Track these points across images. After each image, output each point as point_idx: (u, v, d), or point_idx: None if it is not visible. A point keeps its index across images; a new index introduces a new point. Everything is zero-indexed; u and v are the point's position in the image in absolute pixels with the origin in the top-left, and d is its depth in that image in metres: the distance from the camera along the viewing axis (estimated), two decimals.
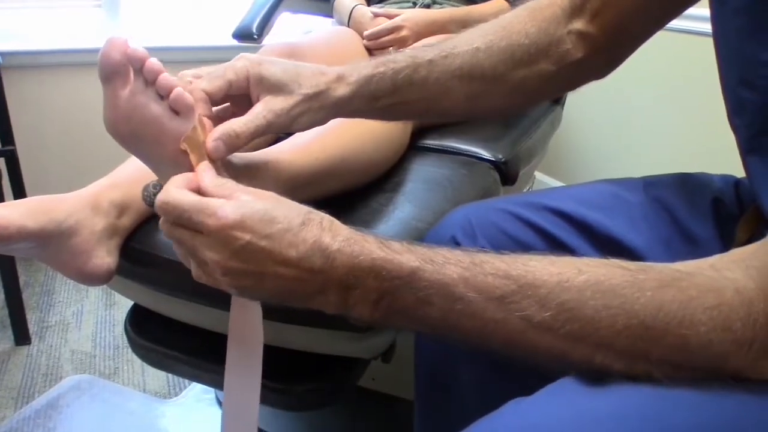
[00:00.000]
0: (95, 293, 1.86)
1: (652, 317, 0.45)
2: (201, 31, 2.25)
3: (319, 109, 0.66)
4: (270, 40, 1.52)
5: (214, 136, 0.62)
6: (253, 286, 0.53)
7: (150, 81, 0.61)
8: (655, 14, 0.71)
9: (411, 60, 0.70)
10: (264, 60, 0.66)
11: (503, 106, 0.78)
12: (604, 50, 0.73)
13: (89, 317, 1.76)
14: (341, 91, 0.67)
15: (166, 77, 0.61)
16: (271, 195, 0.54)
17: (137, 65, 0.60)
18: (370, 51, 1.40)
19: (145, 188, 0.89)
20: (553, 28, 0.73)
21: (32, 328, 1.69)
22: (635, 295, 0.46)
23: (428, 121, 0.95)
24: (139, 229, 0.89)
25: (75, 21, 2.17)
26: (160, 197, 0.55)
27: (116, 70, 0.59)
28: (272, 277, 0.52)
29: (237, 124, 0.62)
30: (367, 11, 1.43)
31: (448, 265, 0.50)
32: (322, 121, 0.68)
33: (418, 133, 1.17)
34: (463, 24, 1.38)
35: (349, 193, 0.93)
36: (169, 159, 0.63)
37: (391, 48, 1.36)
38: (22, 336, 1.64)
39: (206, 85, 0.63)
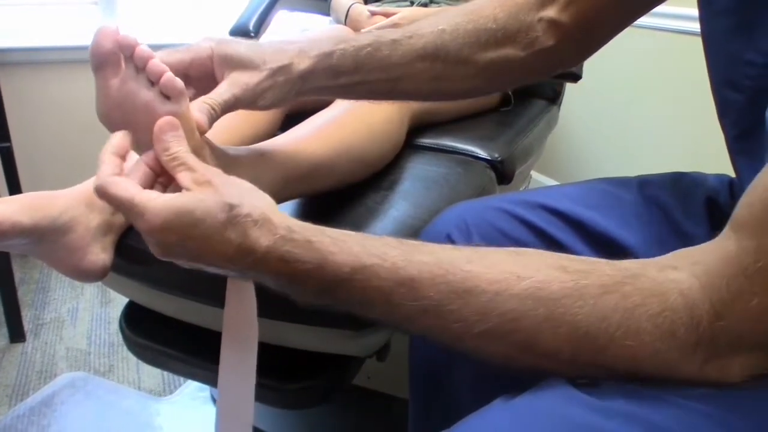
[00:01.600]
0: (90, 291, 1.86)
1: (596, 328, 0.45)
2: (198, 29, 2.25)
3: (284, 83, 0.67)
4: (267, 38, 1.52)
5: (196, 108, 0.62)
6: (194, 267, 0.54)
7: (140, 67, 0.60)
8: (628, 7, 0.70)
9: (374, 39, 0.70)
10: (227, 39, 0.67)
11: (468, 88, 0.77)
12: (576, 40, 0.73)
13: (84, 315, 1.76)
14: (303, 64, 0.67)
15: (155, 63, 0.60)
16: (206, 180, 0.53)
17: (128, 52, 0.60)
18: None
19: None
20: (524, 14, 0.72)
21: (27, 325, 1.68)
22: (577, 303, 0.45)
23: (394, 100, 0.94)
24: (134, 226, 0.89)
25: (71, 18, 2.16)
26: (96, 182, 0.54)
27: (107, 58, 0.59)
28: (210, 267, 0.53)
29: (208, 98, 0.63)
30: (365, 10, 1.43)
31: (383, 267, 0.48)
32: (287, 97, 0.68)
33: (414, 132, 1.17)
34: None
35: (345, 191, 0.93)
36: None
37: None
38: (17, 333, 1.64)
39: (165, 56, 0.63)
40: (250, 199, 0.53)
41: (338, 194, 0.91)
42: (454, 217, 0.76)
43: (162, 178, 0.59)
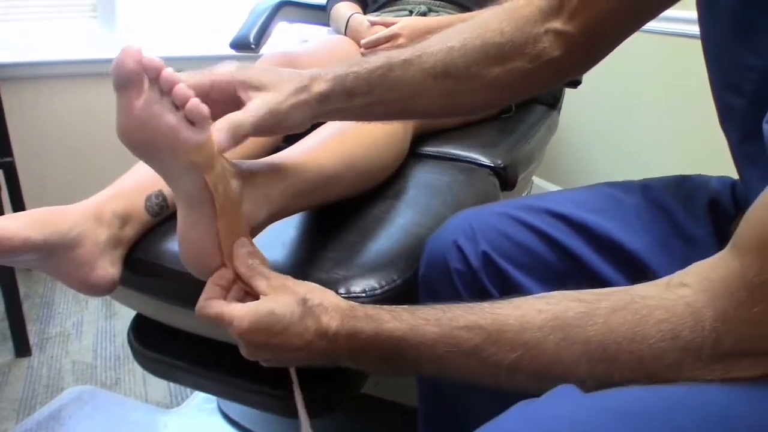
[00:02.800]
0: (95, 304, 1.86)
1: (606, 339, 0.48)
2: (198, 42, 2.26)
3: (305, 104, 0.68)
4: (267, 49, 1.53)
5: (217, 126, 0.63)
6: (279, 362, 0.67)
7: (165, 91, 0.61)
8: (633, 15, 0.71)
9: (386, 60, 0.72)
10: (246, 65, 0.68)
11: (479, 102, 0.79)
12: (582, 49, 0.74)
13: (89, 328, 1.76)
14: (320, 87, 0.69)
15: (181, 88, 0.61)
16: (281, 284, 0.66)
17: (152, 75, 0.60)
18: None
19: (148, 198, 0.89)
20: (530, 26, 0.73)
21: (32, 339, 1.68)
22: (588, 323, 0.49)
23: (408, 119, 0.98)
24: (142, 239, 0.89)
25: (71, 32, 2.17)
26: (196, 308, 0.67)
27: (130, 79, 0.59)
28: (291, 358, 0.65)
29: (238, 116, 0.64)
30: (364, 20, 1.44)
31: (427, 327, 0.56)
32: (305, 121, 0.70)
33: (417, 140, 1.18)
34: None
35: (352, 201, 0.93)
36: (182, 169, 0.64)
37: None
38: (22, 348, 1.64)
39: (186, 77, 0.64)
40: (319, 292, 0.64)
41: (345, 204, 0.92)
42: (460, 224, 0.76)
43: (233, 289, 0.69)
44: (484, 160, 1.18)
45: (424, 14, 1.49)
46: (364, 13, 1.54)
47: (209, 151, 0.64)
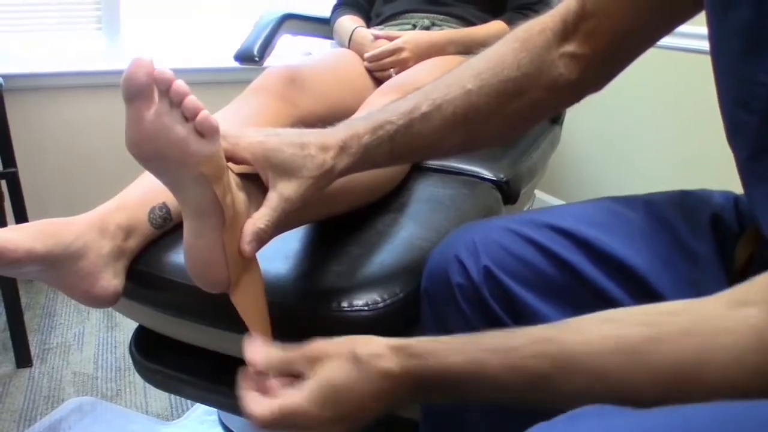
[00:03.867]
0: (96, 315, 1.86)
1: (671, 365, 0.47)
2: (202, 54, 2.27)
3: (326, 184, 0.71)
4: (271, 62, 1.54)
5: (246, 239, 0.66)
6: (353, 426, 0.58)
7: (176, 103, 0.61)
8: (647, 33, 0.71)
9: (407, 117, 0.72)
10: (271, 142, 0.69)
11: (497, 136, 0.81)
12: (598, 69, 0.74)
13: (90, 339, 1.76)
14: (344, 162, 0.71)
15: (192, 100, 0.61)
16: (316, 355, 0.58)
17: (163, 86, 0.60)
18: (371, 72, 1.41)
19: (152, 211, 0.90)
20: (545, 53, 0.73)
21: (34, 350, 1.68)
22: (653, 348, 0.48)
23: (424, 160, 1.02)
24: (145, 251, 0.90)
25: (76, 44, 2.18)
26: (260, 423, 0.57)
27: (141, 90, 0.59)
28: (364, 418, 0.58)
29: (260, 221, 0.67)
30: (368, 33, 1.45)
31: (489, 358, 0.53)
32: (323, 188, 0.72)
33: None
34: (463, 45, 1.41)
35: (356, 215, 0.93)
36: (190, 180, 0.64)
37: (392, 69, 1.37)
38: (23, 358, 1.64)
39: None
40: (362, 341, 0.58)
41: (348, 217, 0.92)
42: (461, 238, 0.76)
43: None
44: (487, 173, 1.18)
45: (427, 28, 1.49)
46: (368, 26, 1.55)
47: (218, 163, 0.64)
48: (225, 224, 0.66)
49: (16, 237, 0.76)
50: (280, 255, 0.87)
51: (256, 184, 0.72)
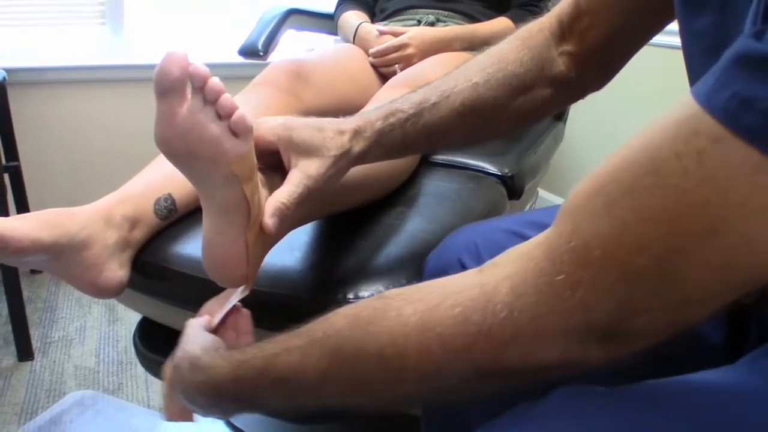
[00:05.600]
0: (98, 309, 1.86)
1: (396, 332, 0.47)
2: (206, 48, 2.26)
3: (346, 166, 0.72)
4: (275, 58, 1.53)
5: (269, 213, 0.65)
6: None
7: (210, 100, 0.60)
8: (637, 32, 0.72)
9: (417, 107, 0.74)
10: (292, 124, 0.69)
11: (502, 131, 0.84)
12: (595, 67, 0.76)
13: (92, 333, 1.76)
14: (360, 146, 0.72)
15: (227, 98, 0.60)
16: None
17: (198, 83, 0.59)
18: (376, 68, 1.41)
19: (157, 202, 0.90)
20: (545, 52, 0.75)
21: (35, 343, 1.68)
22: (382, 318, 0.48)
23: (433, 152, 1.04)
24: (150, 242, 0.90)
25: (79, 38, 2.18)
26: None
27: (174, 85, 0.58)
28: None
29: (283, 196, 0.66)
30: (373, 29, 1.45)
31: (254, 361, 0.55)
32: (343, 175, 0.73)
33: None
34: (468, 41, 1.41)
35: (365, 208, 0.93)
36: (221, 179, 0.63)
37: (397, 65, 1.37)
38: (25, 352, 1.63)
39: None
40: (196, 341, 0.64)
41: (355, 211, 0.92)
42: (463, 241, 0.76)
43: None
44: (492, 168, 1.18)
45: (432, 24, 1.49)
46: (372, 22, 1.55)
47: (251, 163, 0.64)
48: (249, 223, 0.65)
49: (21, 226, 0.76)
50: (287, 247, 0.87)
51: (278, 179, 0.72)
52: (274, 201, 0.66)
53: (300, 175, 0.67)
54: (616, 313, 0.41)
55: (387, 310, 0.48)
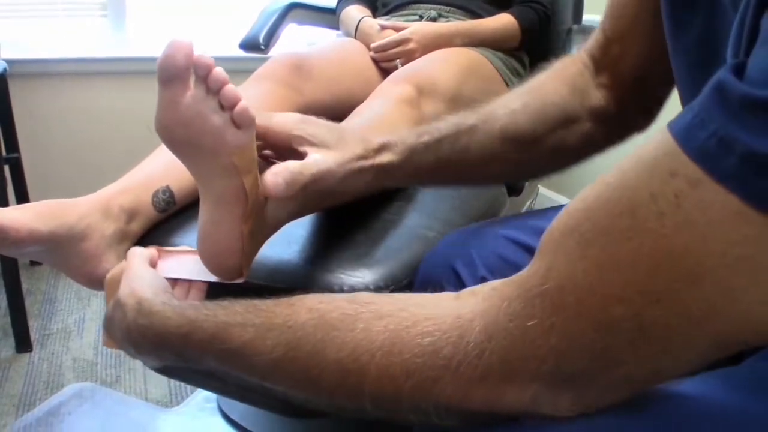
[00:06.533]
0: (97, 302, 1.86)
1: (360, 347, 0.44)
2: (207, 42, 2.26)
3: (368, 170, 0.67)
4: (276, 51, 1.53)
5: (274, 170, 0.61)
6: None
7: (214, 90, 0.59)
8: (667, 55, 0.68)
9: (454, 127, 0.70)
10: (309, 119, 0.67)
11: (547, 167, 0.79)
12: (635, 100, 0.72)
13: (91, 325, 1.76)
14: (387, 158, 0.68)
15: (231, 89, 0.60)
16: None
17: (202, 73, 0.59)
18: (377, 63, 1.41)
19: (155, 194, 0.89)
20: (582, 83, 0.72)
21: (34, 335, 1.68)
22: (348, 327, 0.45)
23: (472, 185, 0.95)
24: (148, 234, 0.89)
25: (80, 30, 2.18)
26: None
27: (178, 74, 0.58)
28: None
29: (298, 165, 0.62)
30: (375, 23, 1.44)
31: (207, 323, 0.53)
32: (364, 188, 0.69)
33: None
34: (469, 37, 1.41)
35: (363, 203, 0.93)
36: (220, 170, 0.62)
37: (398, 60, 1.36)
38: (23, 343, 1.63)
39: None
40: (130, 284, 0.62)
41: (354, 206, 0.91)
42: (459, 246, 0.75)
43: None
44: None
45: (434, 20, 1.49)
46: (374, 17, 1.55)
47: (251, 154, 0.63)
48: (246, 214, 0.65)
49: (19, 216, 0.75)
50: (285, 241, 0.86)
51: None
52: (286, 165, 0.62)
53: (319, 157, 0.64)
54: (589, 363, 0.39)
55: (355, 320, 0.46)
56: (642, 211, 0.36)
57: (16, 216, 0.75)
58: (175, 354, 0.56)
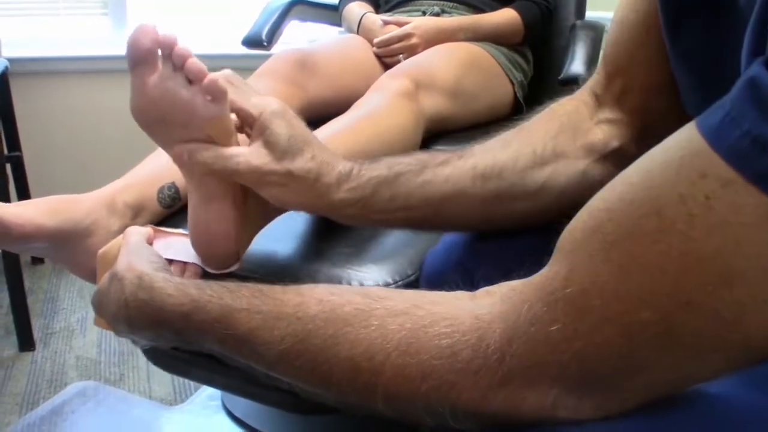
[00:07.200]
0: None
1: (375, 346, 0.43)
2: (209, 39, 2.26)
3: (298, 192, 0.63)
4: (279, 48, 1.53)
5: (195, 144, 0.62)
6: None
7: (178, 66, 0.60)
8: (674, 85, 0.64)
9: (417, 160, 0.66)
10: (285, 115, 0.64)
11: (535, 210, 0.66)
12: (640, 134, 0.66)
13: (93, 324, 1.75)
14: (333, 195, 0.63)
15: (194, 61, 0.60)
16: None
17: (166, 50, 0.59)
18: (380, 58, 1.40)
19: (161, 190, 0.89)
20: (577, 121, 0.67)
21: (36, 334, 1.68)
22: (362, 323, 0.44)
23: (436, 230, 0.81)
24: None
25: (81, 29, 2.17)
26: None
27: (144, 56, 0.59)
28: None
29: (214, 150, 0.62)
30: (377, 19, 1.44)
31: (211, 305, 0.51)
32: (297, 205, 0.66)
33: (429, 140, 1.18)
34: (472, 32, 1.41)
35: None
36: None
37: (401, 55, 1.36)
38: (26, 342, 1.63)
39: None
40: (128, 258, 0.61)
41: None
42: (463, 240, 0.73)
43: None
44: None
45: (437, 15, 1.48)
46: (377, 13, 1.54)
47: (226, 127, 0.62)
48: (235, 193, 0.65)
49: (25, 212, 0.75)
50: (289, 235, 0.86)
51: None
52: (205, 146, 0.62)
53: (242, 151, 0.62)
54: (614, 368, 0.38)
55: (369, 316, 0.44)
56: (670, 212, 0.35)
57: (21, 211, 0.75)
58: (173, 333, 0.54)
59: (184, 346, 0.58)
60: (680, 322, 0.35)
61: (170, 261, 0.68)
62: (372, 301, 0.45)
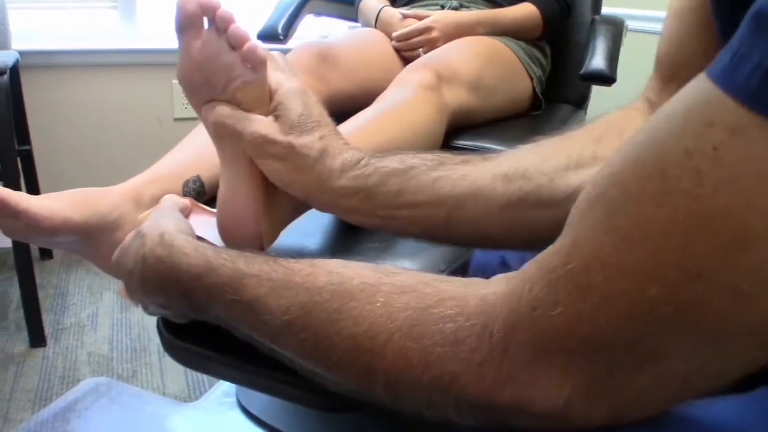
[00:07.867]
0: (109, 296, 1.84)
1: (378, 325, 0.40)
2: None
3: (297, 170, 0.61)
4: (294, 42, 1.51)
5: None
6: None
7: (221, 30, 0.60)
8: None
9: (435, 156, 0.61)
10: (301, 94, 0.63)
11: (560, 222, 0.65)
12: None
13: (104, 320, 1.74)
14: (335, 181, 0.61)
15: (237, 27, 0.60)
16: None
17: (210, 14, 0.60)
18: (399, 52, 1.39)
19: (185, 184, 0.88)
20: (628, 126, 0.62)
21: (47, 329, 1.66)
22: (368, 299, 0.41)
23: (447, 242, 0.72)
24: None
25: (91, 22, 2.16)
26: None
27: (190, 21, 0.60)
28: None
29: (230, 110, 0.61)
30: (396, 12, 1.43)
31: (223, 269, 0.50)
32: (296, 186, 0.63)
33: (451, 133, 1.17)
34: (491, 26, 1.39)
35: None
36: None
37: (420, 49, 1.35)
38: (37, 338, 1.62)
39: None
40: (157, 221, 0.61)
41: None
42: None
43: None
44: None
45: (456, 9, 1.47)
46: (392, 5, 1.53)
47: (259, 94, 0.62)
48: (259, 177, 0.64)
49: (53, 206, 0.74)
50: (317, 230, 0.85)
51: None
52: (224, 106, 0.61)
53: (251, 117, 0.61)
54: (625, 357, 0.33)
55: (376, 291, 0.42)
56: (674, 170, 0.31)
57: (49, 204, 0.73)
58: (181, 295, 0.53)
59: (191, 315, 0.57)
60: (692, 298, 0.31)
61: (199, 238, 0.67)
62: (382, 275, 0.43)
